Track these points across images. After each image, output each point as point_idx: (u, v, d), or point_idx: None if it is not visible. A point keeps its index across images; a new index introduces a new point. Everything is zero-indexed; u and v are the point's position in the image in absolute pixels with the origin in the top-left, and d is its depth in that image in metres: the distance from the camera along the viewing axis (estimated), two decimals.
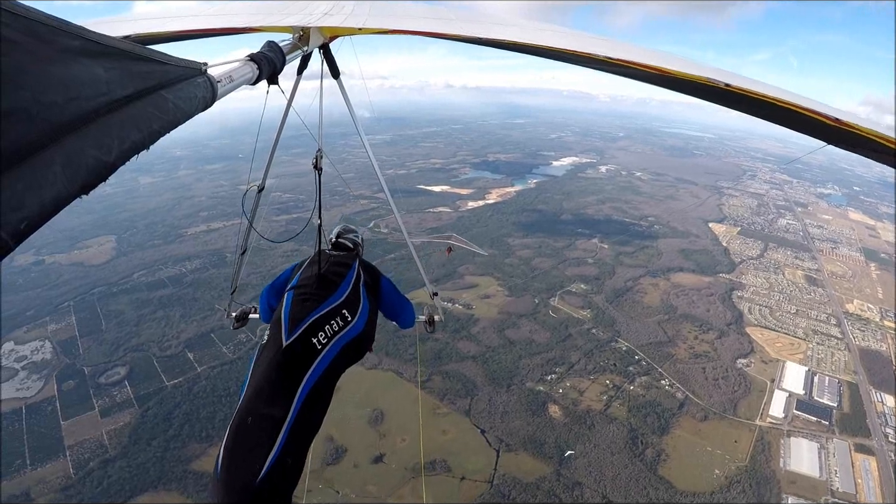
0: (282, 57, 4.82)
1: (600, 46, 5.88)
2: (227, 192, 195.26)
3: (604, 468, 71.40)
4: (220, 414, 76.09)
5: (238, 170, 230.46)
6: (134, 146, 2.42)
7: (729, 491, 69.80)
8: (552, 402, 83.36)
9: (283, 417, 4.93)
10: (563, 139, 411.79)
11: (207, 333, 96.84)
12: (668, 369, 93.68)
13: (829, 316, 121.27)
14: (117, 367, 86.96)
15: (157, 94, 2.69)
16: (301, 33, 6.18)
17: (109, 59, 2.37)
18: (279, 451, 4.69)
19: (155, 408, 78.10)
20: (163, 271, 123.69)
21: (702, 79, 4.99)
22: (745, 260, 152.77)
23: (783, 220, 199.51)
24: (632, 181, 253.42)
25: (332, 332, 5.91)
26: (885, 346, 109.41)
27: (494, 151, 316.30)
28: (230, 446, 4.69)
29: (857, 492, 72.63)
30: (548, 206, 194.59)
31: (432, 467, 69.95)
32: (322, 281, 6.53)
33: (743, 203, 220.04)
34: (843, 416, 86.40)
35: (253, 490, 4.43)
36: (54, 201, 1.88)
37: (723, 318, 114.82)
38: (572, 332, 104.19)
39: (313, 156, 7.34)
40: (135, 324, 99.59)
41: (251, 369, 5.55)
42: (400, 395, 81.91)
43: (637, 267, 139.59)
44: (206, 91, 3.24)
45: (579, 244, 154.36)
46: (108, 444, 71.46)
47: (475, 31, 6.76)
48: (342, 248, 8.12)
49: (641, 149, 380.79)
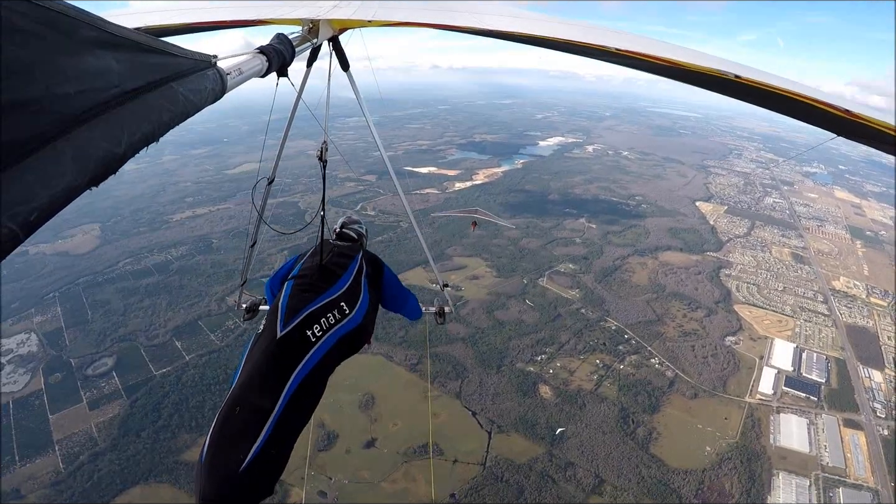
0: (291, 49, 4.85)
1: (610, 38, 5.83)
2: (212, 177, 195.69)
3: (596, 448, 71.67)
4: (210, 403, 75.68)
5: (223, 154, 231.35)
6: (144, 138, 2.44)
7: (720, 467, 70.25)
8: (543, 382, 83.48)
9: (270, 409, 4.90)
10: (550, 119, 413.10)
11: (195, 321, 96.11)
12: (658, 348, 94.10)
13: (816, 293, 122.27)
14: (104, 358, 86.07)
15: (168, 86, 2.70)
16: (310, 25, 6.21)
17: (123, 50, 2.35)
18: (264, 442, 4.67)
19: (143, 398, 77.38)
20: (149, 259, 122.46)
21: (712, 70, 5.01)
22: (733, 238, 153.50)
23: (770, 199, 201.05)
24: (619, 161, 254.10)
25: (327, 325, 5.83)
26: (871, 323, 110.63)
27: (481, 132, 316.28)
28: (216, 435, 4.69)
29: (847, 466, 73.37)
30: (535, 187, 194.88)
31: (424, 451, 69.63)
32: (323, 272, 6.46)
33: (729, 182, 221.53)
34: (831, 391, 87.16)
35: (235, 479, 4.45)
36: (64, 193, 1.92)
37: (711, 296, 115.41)
38: (561, 312, 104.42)
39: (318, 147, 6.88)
40: (121, 313, 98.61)
41: (244, 357, 5.51)
42: (390, 379, 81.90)
43: (625, 246, 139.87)
44: (215, 83, 3.26)
45: (567, 224, 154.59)
46: (98, 437, 70.81)
47: (485, 22, 6.68)
48: (346, 238, 8.06)
49: (628, 128, 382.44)
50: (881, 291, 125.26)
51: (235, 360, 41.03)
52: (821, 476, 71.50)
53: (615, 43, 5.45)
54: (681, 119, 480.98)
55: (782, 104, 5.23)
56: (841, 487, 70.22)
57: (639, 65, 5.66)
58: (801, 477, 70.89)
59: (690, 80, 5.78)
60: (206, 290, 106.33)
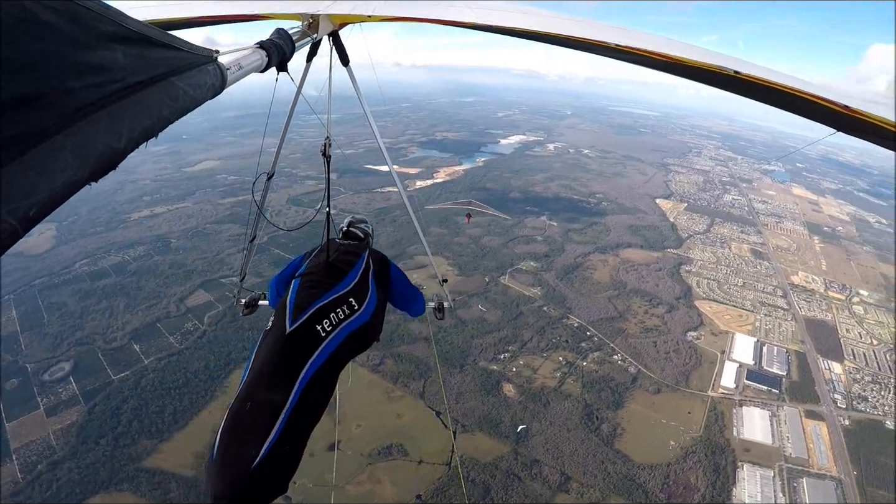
0: (291, 44, 4.83)
1: (609, 34, 5.92)
2: (170, 175, 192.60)
3: (561, 444, 71.67)
4: (170, 408, 74.25)
5: (182, 151, 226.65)
6: (144, 133, 2.46)
7: (685, 461, 70.72)
8: (506, 380, 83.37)
9: (282, 404, 4.84)
10: (512, 118, 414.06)
11: (153, 323, 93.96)
12: (620, 344, 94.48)
13: (776, 288, 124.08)
14: (61, 363, 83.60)
15: (168, 81, 2.68)
16: (311, 21, 6.24)
17: (131, 44, 2.36)
18: (276, 438, 4.61)
19: (102, 404, 75.42)
20: (106, 259, 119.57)
21: (712, 66, 5.03)
22: (693, 235, 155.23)
23: (729, 196, 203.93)
24: (580, 159, 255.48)
25: (337, 320, 5.84)
26: (829, 316, 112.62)
27: (443, 130, 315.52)
28: (227, 431, 4.62)
29: (810, 456, 74.47)
30: (496, 185, 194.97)
31: (389, 452, 69.28)
32: (330, 269, 6.54)
33: (689, 179, 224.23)
34: (792, 384, 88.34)
35: (248, 475, 4.38)
36: (64, 188, 1.92)
37: (672, 292, 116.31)
38: (523, 309, 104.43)
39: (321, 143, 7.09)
40: (78, 316, 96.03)
41: (254, 354, 5.45)
42: (353, 380, 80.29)
43: (586, 244, 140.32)
44: (215, 78, 3.25)
45: (528, 222, 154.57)
46: (56, 445, 68.93)
47: (485, 17, 6.67)
48: (352, 237, 8.16)
49: (589, 127, 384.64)
50: (839, 285, 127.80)
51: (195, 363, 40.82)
52: (784, 467, 72.29)
53: (615, 39, 5.43)
54: (641, 118, 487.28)
55: (781, 100, 5.23)
56: (804, 478, 71.10)
57: (639, 60, 5.66)
58: (765, 468, 71.59)
59: (691, 76, 5.75)
60: (164, 291, 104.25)
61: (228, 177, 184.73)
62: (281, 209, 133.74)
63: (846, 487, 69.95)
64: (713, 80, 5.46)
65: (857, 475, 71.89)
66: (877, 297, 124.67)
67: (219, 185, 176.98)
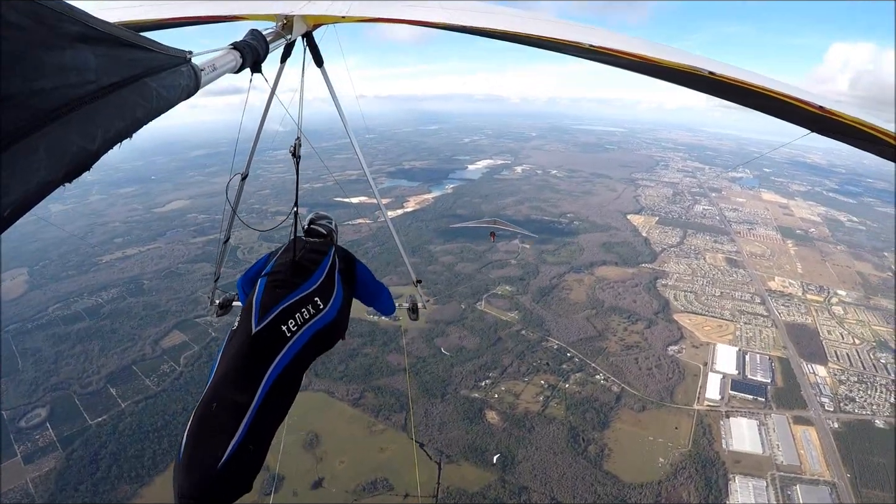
0: (265, 45, 4.76)
1: (585, 35, 5.84)
2: (141, 216, 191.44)
3: (548, 469, 70.69)
4: (149, 451, 72.75)
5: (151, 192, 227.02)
6: (118, 134, 2.44)
7: (676, 478, 70.07)
8: (489, 407, 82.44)
9: (247, 404, 4.85)
10: (477, 143, 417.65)
11: (129, 366, 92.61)
12: (602, 363, 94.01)
13: (753, 295, 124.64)
14: (38, 409, 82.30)
15: (142, 82, 2.66)
16: (284, 21, 6.13)
17: (101, 45, 2.35)
18: (241, 438, 4.60)
19: (80, 450, 73.98)
20: (79, 303, 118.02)
21: (686, 67, 5.00)
22: (666, 248, 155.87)
23: (699, 206, 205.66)
24: (548, 179, 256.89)
25: (302, 320, 5.82)
26: (810, 319, 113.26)
27: (409, 159, 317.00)
28: (194, 431, 4.60)
29: (801, 462, 74.25)
30: (466, 211, 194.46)
31: (374, 487, 68.06)
32: (296, 268, 6.48)
33: (658, 193, 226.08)
34: (777, 390, 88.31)
35: (214, 475, 4.36)
36: (38, 189, 1.95)
37: (650, 307, 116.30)
38: (502, 335, 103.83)
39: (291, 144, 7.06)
40: (53, 361, 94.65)
41: (220, 355, 5.39)
42: (334, 416, 80.00)
43: (560, 264, 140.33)
44: (189, 80, 3.19)
45: (501, 246, 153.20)
46: (35, 493, 67.82)
47: (460, 19, 6.60)
48: (316, 234, 8.07)
49: (555, 147, 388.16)
50: (816, 287, 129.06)
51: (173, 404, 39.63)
52: (777, 475, 71.97)
53: (590, 39, 5.40)
54: (606, 134, 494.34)
55: (756, 100, 5.24)
56: (798, 485, 70.76)
57: (613, 61, 5.66)
58: (757, 478, 71.25)
59: (665, 77, 5.76)
60: (139, 333, 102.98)
61: (199, 216, 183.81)
62: (252, 245, 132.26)
63: (841, 491, 69.64)
64: (688, 81, 5.48)
65: (850, 477, 71.63)
66: (855, 296, 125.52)
67: (189, 225, 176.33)
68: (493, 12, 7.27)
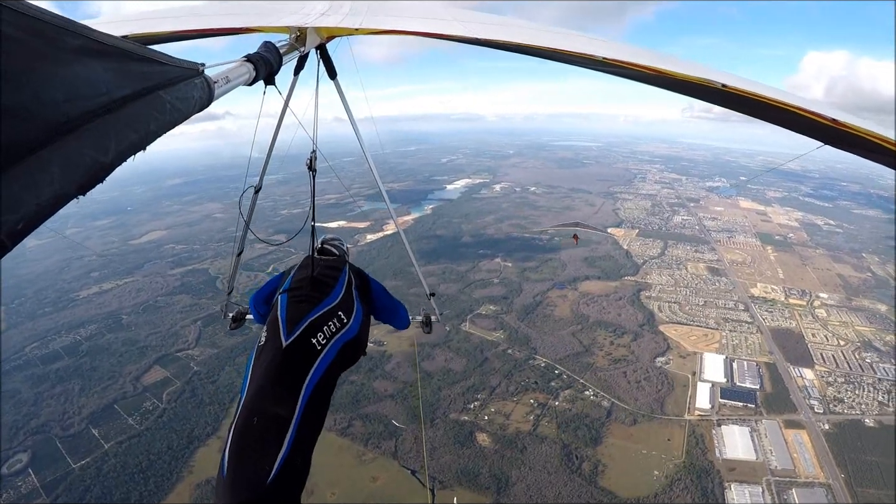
0: (278, 58, 4.79)
1: (599, 47, 5.87)
2: (117, 249, 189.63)
3: (543, 489, 70.30)
4: (135, 493, 71.63)
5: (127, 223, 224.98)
6: (131, 147, 2.44)
7: (672, 489, 69.92)
8: (479, 430, 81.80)
9: (289, 417, 4.80)
10: (455, 162, 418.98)
11: (110, 405, 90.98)
12: (590, 379, 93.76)
13: (737, 302, 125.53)
14: (19, 454, 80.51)
15: (155, 95, 2.69)
16: (298, 34, 6.20)
17: (110, 58, 2.38)
18: (288, 452, 4.55)
19: (64, 495, 72.53)
20: (56, 341, 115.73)
21: (699, 79, 4.97)
22: (648, 260, 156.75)
23: (678, 217, 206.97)
24: (527, 196, 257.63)
25: (330, 333, 5.77)
26: (794, 324, 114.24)
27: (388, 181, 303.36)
28: (238, 446, 4.54)
29: (795, 466, 74.70)
30: (447, 231, 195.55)
31: None
32: (316, 283, 6.36)
33: (637, 205, 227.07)
34: (767, 396, 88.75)
35: (263, 491, 4.31)
36: (51, 202, 1.95)
37: (635, 320, 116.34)
38: (488, 355, 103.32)
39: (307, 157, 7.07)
40: (32, 403, 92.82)
41: (250, 370, 5.32)
42: (322, 447, 76.30)
43: (543, 281, 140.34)
44: (202, 92, 3.21)
45: (483, 265, 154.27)
46: None
47: (474, 31, 6.55)
48: (328, 254, 7.79)
49: (533, 163, 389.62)
50: (798, 292, 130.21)
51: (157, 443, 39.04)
52: (772, 480, 72.35)
53: (603, 52, 5.37)
54: (583, 150, 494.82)
55: (769, 113, 5.22)
56: (794, 488, 71.13)
57: (627, 74, 5.68)
58: (752, 485, 71.54)
59: (678, 89, 5.83)
60: (119, 370, 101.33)
61: (176, 246, 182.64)
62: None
63: (836, 492, 70.13)
64: (701, 93, 5.48)
65: (844, 478, 72.14)
66: (837, 298, 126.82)
67: (167, 256, 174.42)
68: (507, 25, 7.53)
